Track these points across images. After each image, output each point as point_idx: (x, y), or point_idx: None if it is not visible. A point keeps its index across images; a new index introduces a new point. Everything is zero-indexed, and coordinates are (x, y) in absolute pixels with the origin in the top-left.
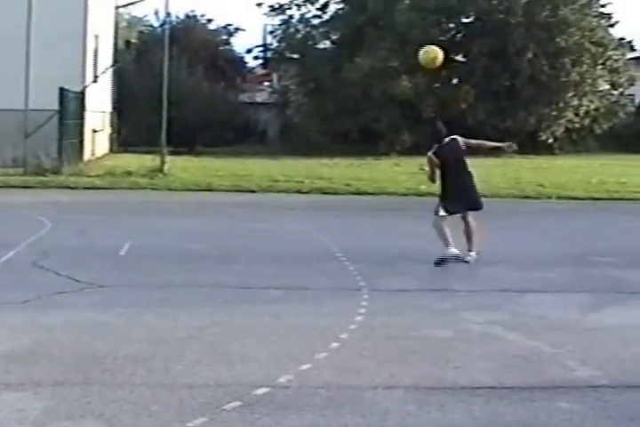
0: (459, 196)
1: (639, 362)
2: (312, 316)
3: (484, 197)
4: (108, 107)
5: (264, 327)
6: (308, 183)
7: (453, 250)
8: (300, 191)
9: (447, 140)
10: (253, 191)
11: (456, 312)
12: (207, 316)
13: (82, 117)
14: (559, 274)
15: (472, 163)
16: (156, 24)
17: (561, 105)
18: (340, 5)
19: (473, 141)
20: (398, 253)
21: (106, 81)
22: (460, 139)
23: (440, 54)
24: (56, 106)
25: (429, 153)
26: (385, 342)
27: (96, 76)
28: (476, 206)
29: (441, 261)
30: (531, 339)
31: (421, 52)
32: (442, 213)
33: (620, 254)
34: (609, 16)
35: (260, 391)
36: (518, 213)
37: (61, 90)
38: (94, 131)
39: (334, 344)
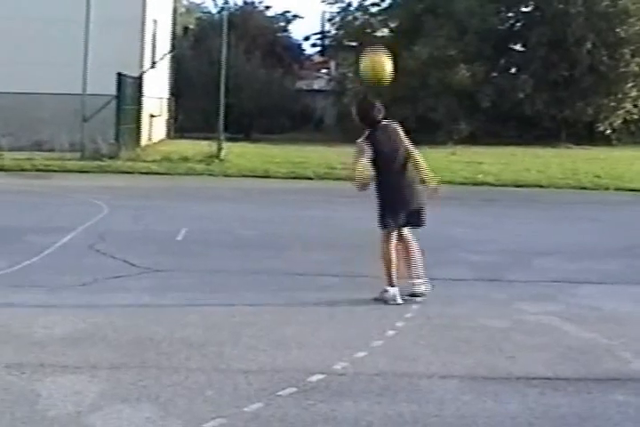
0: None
1: None
2: (367, 304)
3: (540, 186)
4: (166, 92)
5: (319, 314)
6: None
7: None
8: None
9: (384, 122)
10: (310, 178)
11: (511, 302)
12: (262, 302)
13: (139, 103)
14: (614, 265)
15: (526, 151)
16: (214, 10)
17: (620, 96)
18: None
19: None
20: (451, 241)
21: (163, 67)
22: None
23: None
24: (114, 91)
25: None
26: (440, 331)
27: (154, 62)
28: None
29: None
30: (586, 330)
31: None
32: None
33: None
34: None
35: (316, 378)
36: (575, 203)
37: (119, 75)
38: (151, 116)
39: (390, 332)
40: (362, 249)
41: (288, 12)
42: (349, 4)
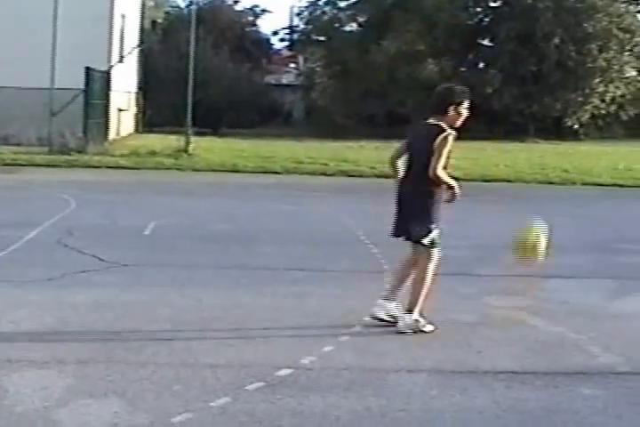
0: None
1: None
2: (336, 298)
3: (508, 181)
4: (134, 87)
5: (288, 309)
6: (333, 166)
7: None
8: (324, 173)
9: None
10: (278, 173)
11: (480, 297)
12: (231, 296)
13: (107, 97)
14: (584, 260)
15: (494, 146)
16: (183, 5)
17: (587, 91)
18: None
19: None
20: None
21: (132, 61)
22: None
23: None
24: (82, 85)
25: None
26: None
27: (122, 56)
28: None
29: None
30: (554, 324)
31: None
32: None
33: None
34: (637, 2)
35: (283, 372)
36: (543, 198)
37: (87, 69)
38: (120, 110)
39: (357, 327)
40: (331, 244)
41: (257, 6)
42: None
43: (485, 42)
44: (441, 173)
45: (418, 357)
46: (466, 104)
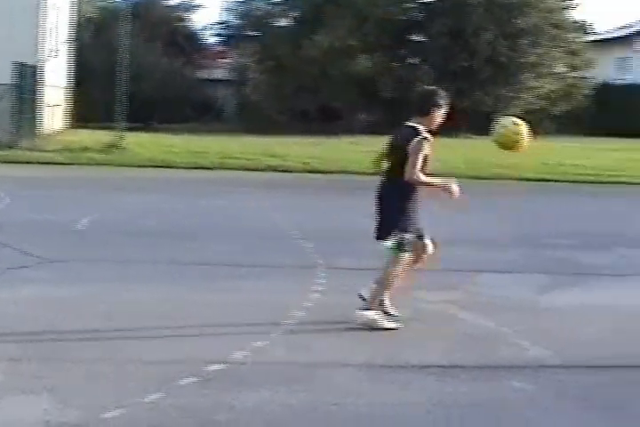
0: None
1: (591, 343)
2: (267, 293)
3: (440, 176)
4: (67, 82)
5: (219, 304)
6: (264, 161)
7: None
8: (255, 169)
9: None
10: (209, 168)
11: (410, 291)
12: (164, 292)
13: (38, 92)
14: (515, 255)
15: None
16: None
17: (518, 86)
18: None
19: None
20: (355, 231)
21: (64, 56)
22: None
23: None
24: (12, 80)
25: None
26: (340, 320)
27: (54, 51)
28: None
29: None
30: (484, 319)
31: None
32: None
33: (576, 236)
34: None
35: (215, 367)
36: (474, 193)
37: (18, 64)
38: (52, 105)
39: (289, 321)
40: (262, 239)
41: (189, 1)
42: None
43: (418, 37)
44: (419, 176)
45: (349, 351)
46: (445, 109)
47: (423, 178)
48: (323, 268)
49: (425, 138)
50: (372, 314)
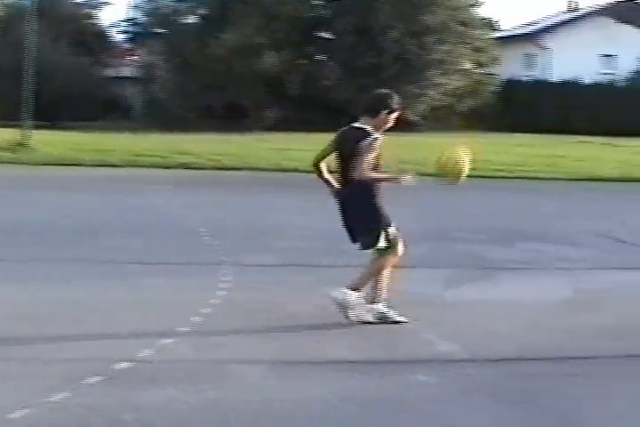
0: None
1: (498, 337)
2: (174, 290)
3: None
4: None
5: (126, 302)
6: (173, 158)
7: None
8: (164, 166)
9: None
10: (118, 166)
11: (317, 287)
12: (69, 290)
13: None
14: (423, 249)
15: (327, 138)
16: None
17: (424, 83)
18: None
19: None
20: (262, 228)
21: None
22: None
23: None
24: None
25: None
26: (246, 317)
27: None
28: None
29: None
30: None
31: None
32: None
33: (483, 231)
34: None
35: (122, 366)
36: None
37: None
38: None
39: (196, 319)
40: (169, 236)
41: None
42: None
43: (325, 34)
44: (367, 173)
45: (257, 348)
46: (395, 114)
47: (372, 174)
48: (229, 265)
49: (376, 139)
50: (380, 307)
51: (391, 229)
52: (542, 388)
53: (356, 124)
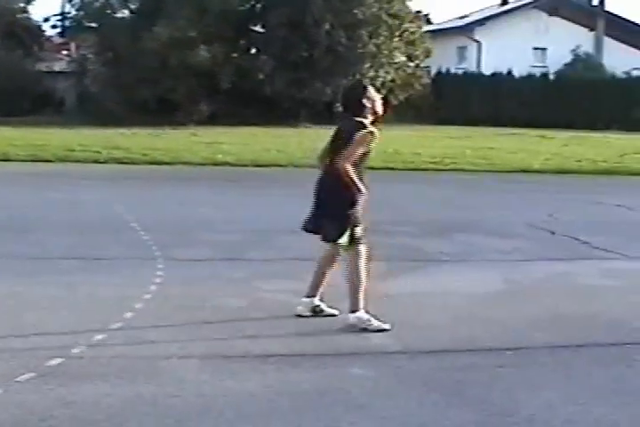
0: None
1: (432, 328)
2: (106, 286)
3: (280, 166)
4: None
5: (58, 298)
6: (105, 153)
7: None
8: (96, 161)
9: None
10: (50, 161)
11: (250, 281)
12: (2, 286)
13: None
14: None
15: (267, 131)
16: None
17: (357, 76)
18: None
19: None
20: (194, 222)
21: None
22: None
23: None
24: None
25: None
26: (179, 312)
27: None
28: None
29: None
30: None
31: None
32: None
33: (415, 224)
34: None
35: (54, 362)
36: (312, 181)
37: None
38: None
39: (129, 314)
40: (102, 232)
41: None
42: None
43: (257, 28)
44: (348, 168)
45: (188, 343)
46: (378, 100)
47: (350, 171)
48: (161, 259)
49: (371, 132)
50: (360, 314)
51: (358, 229)
52: (474, 379)
53: (355, 118)
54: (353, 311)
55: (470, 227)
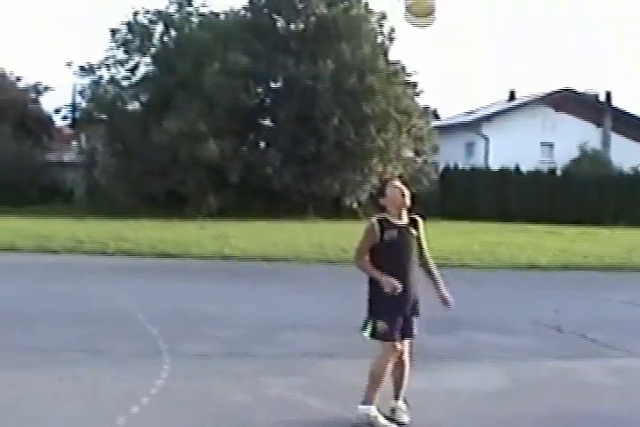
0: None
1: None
2: (112, 380)
3: (287, 260)
4: None
5: (63, 391)
6: (113, 245)
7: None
8: (104, 253)
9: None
10: (57, 252)
11: (256, 377)
12: (5, 379)
13: None
14: (354, 339)
15: (274, 225)
16: None
17: (365, 171)
18: (150, 67)
19: None
20: (201, 316)
21: None
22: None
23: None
24: None
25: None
26: (185, 407)
27: None
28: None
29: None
30: (330, 404)
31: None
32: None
33: (421, 319)
34: (414, 85)
35: None
36: (322, 276)
37: None
38: None
39: (134, 409)
40: (108, 324)
41: (39, 83)
42: (101, 77)
43: (266, 122)
44: (358, 261)
45: None
46: (397, 194)
47: (361, 263)
48: (168, 353)
49: (372, 223)
50: (364, 408)
51: (380, 324)
52: None
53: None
54: (364, 403)
55: (475, 323)
